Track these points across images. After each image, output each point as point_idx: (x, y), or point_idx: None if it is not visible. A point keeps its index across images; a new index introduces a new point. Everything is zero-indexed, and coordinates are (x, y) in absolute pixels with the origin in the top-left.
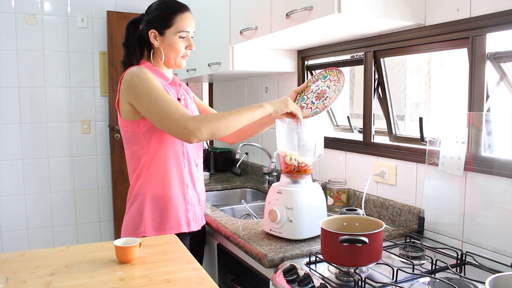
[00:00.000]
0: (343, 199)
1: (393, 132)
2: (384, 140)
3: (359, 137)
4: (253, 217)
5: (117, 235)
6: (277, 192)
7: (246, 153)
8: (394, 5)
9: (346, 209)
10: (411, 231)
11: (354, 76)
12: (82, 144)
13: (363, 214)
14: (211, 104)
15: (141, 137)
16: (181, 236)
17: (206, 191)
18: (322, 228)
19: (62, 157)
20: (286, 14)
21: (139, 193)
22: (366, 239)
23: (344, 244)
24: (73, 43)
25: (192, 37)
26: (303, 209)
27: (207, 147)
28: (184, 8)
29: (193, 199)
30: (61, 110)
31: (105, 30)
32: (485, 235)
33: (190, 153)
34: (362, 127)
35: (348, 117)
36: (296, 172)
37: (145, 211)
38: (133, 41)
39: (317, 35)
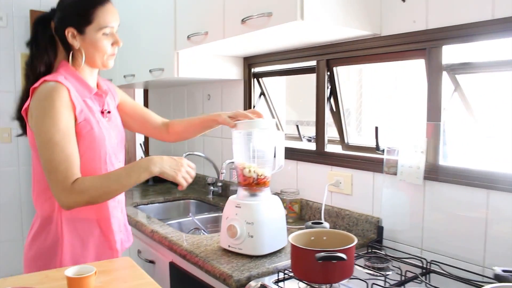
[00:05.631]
0: (296, 210)
1: (345, 141)
2: (335, 149)
3: (309, 146)
4: (202, 231)
5: None
6: (236, 206)
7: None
8: (353, 14)
9: (312, 223)
10: (370, 240)
11: (305, 82)
12: (2, 154)
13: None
14: None
15: None
16: None
17: (147, 204)
18: (293, 245)
19: None
20: (242, 20)
21: (52, 213)
22: (344, 256)
23: (318, 261)
24: None
25: (116, 32)
26: (264, 223)
27: (143, 157)
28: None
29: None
30: None
31: (28, 31)
32: (444, 242)
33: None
34: (309, 135)
35: (297, 125)
36: (255, 184)
37: (62, 232)
38: (44, 42)
39: (270, 42)
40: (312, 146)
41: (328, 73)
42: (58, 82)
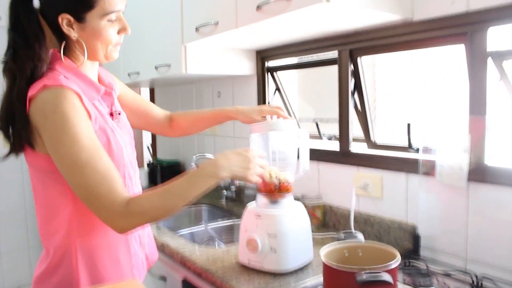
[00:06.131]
0: (318, 216)
1: (372, 139)
2: (360, 148)
3: (332, 145)
4: (217, 241)
5: None
6: (256, 217)
7: (197, 165)
8: None
9: (344, 234)
10: (406, 250)
11: (320, 76)
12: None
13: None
14: None
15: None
16: None
17: None
18: (327, 266)
19: None
20: (257, 6)
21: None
22: (391, 279)
23: (359, 285)
24: None
25: (123, 12)
26: (289, 235)
27: (151, 160)
28: None
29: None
30: None
31: None
32: (493, 253)
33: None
34: (328, 133)
35: (316, 123)
36: (277, 191)
37: (77, 268)
38: (32, 28)
39: (287, 31)
40: (333, 146)
41: (352, 64)
42: (63, 86)
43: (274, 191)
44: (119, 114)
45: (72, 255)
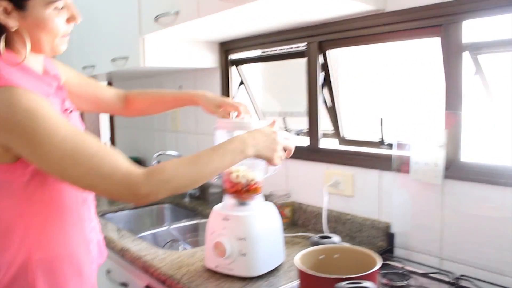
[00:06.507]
0: (288, 215)
1: (341, 135)
2: (330, 144)
3: (300, 140)
4: (181, 243)
5: None
6: (223, 219)
7: (158, 162)
8: None
9: (319, 237)
10: (380, 249)
11: (287, 69)
12: None
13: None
14: None
15: (17, 188)
16: None
17: (116, 212)
18: (303, 272)
19: None
20: None
21: (15, 261)
22: (374, 286)
23: None
24: None
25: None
26: (259, 238)
27: None
28: None
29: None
30: None
31: None
32: (469, 251)
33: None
34: (297, 128)
35: (284, 118)
36: (245, 192)
37: (35, 284)
38: None
39: (253, 22)
40: (302, 141)
41: (321, 57)
42: (12, 85)
43: (242, 191)
44: (71, 112)
45: (28, 270)
